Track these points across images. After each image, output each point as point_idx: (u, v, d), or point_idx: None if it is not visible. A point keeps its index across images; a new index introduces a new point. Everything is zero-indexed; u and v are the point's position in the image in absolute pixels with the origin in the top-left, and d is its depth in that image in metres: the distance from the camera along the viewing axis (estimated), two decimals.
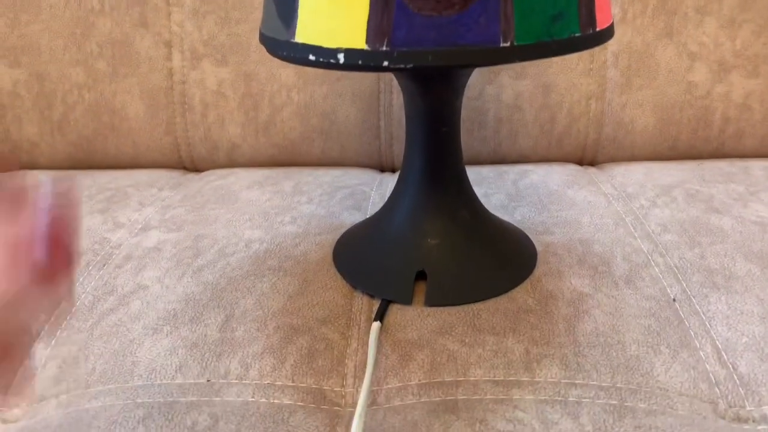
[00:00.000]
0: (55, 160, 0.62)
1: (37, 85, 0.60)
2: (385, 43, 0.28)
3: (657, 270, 0.41)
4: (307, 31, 0.30)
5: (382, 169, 0.62)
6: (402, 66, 0.28)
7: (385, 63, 0.28)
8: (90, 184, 0.57)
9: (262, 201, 0.52)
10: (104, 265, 0.44)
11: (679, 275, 0.40)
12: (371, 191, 0.54)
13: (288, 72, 0.59)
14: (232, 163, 0.62)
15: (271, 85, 0.59)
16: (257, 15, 0.58)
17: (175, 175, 0.60)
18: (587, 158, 0.60)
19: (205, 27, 0.58)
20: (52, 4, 0.58)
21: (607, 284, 0.39)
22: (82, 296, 0.40)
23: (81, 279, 0.42)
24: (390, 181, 0.57)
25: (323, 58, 0.29)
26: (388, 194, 0.53)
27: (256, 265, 0.42)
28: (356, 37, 0.28)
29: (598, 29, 0.31)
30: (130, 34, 0.59)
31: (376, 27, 0.28)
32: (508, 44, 0.28)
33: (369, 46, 0.28)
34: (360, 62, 0.28)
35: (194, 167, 0.63)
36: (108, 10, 0.58)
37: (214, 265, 0.43)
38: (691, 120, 0.58)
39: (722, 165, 0.56)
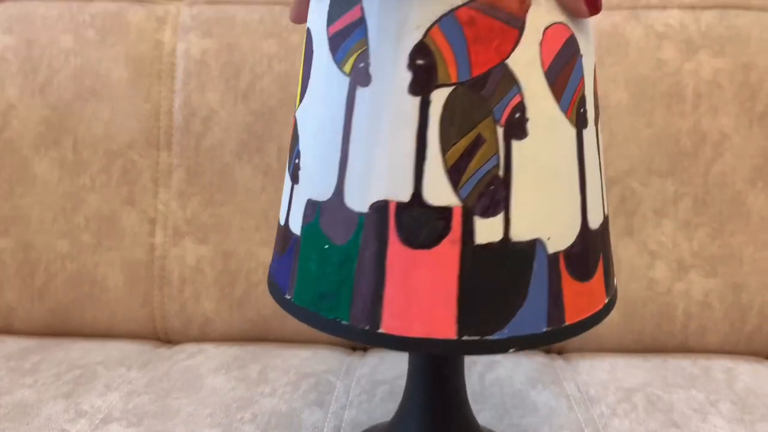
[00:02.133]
0: (32, 326, 0.63)
1: (22, 253, 0.62)
2: None
3: None
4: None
5: (354, 348, 0.63)
6: None
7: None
8: (61, 358, 0.57)
9: (225, 390, 0.52)
10: None
11: None
12: (337, 381, 0.54)
13: (265, 251, 0.61)
14: (204, 337, 0.62)
15: (248, 263, 0.61)
16: (240, 197, 0.61)
17: (146, 350, 0.60)
18: (555, 347, 0.61)
19: (190, 207, 0.61)
20: (47, 179, 0.62)
21: None
22: None
23: None
24: (358, 366, 0.57)
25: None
26: (353, 385, 0.53)
27: None
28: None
29: (382, 330, 0.28)
30: (118, 210, 0.62)
31: None
32: (289, 297, 0.31)
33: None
34: None
35: (167, 339, 0.63)
36: (98, 187, 0.62)
37: None
38: (654, 315, 0.60)
39: (685, 364, 0.57)
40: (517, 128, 0.27)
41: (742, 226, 0.59)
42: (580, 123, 0.29)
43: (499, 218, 0.27)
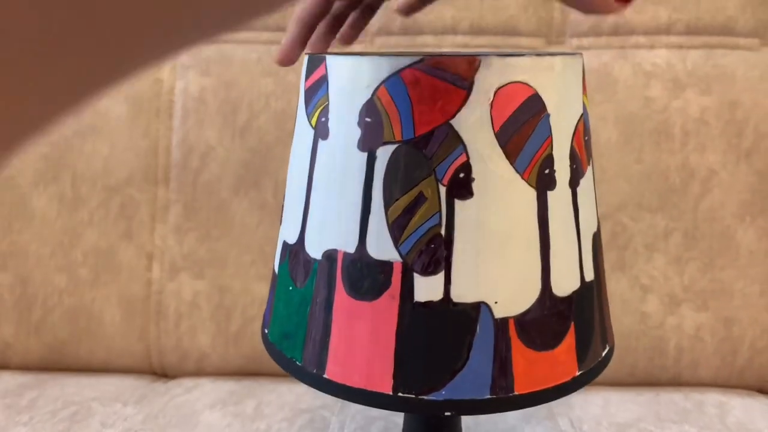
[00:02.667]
0: (28, 361, 0.63)
1: (20, 288, 0.63)
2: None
3: None
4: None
5: None
6: None
7: None
8: (57, 395, 0.57)
9: (221, 427, 0.52)
10: None
11: None
12: (332, 416, 0.54)
13: (261, 286, 0.62)
14: (200, 372, 0.63)
15: (244, 298, 0.62)
16: (236, 232, 0.62)
17: (141, 385, 0.60)
18: None
19: (186, 242, 0.62)
20: (45, 214, 0.62)
21: None
22: None
23: None
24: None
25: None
26: (348, 421, 0.54)
27: None
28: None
29: (326, 376, 0.29)
30: (115, 245, 0.62)
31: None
32: (266, 332, 0.32)
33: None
34: None
35: (164, 373, 0.64)
36: (96, 222, 0.62)
37: None
38: (647, 349, 0.60)
39: (678, 398, 0.58)
40: (460, 188, 0.27)
41: (732, 260, 0.60)
42: (543, 184, 0.28)
43: (440, 277, 0.27)
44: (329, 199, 0.29)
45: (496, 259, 0.27)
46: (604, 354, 0.31)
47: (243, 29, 0.51)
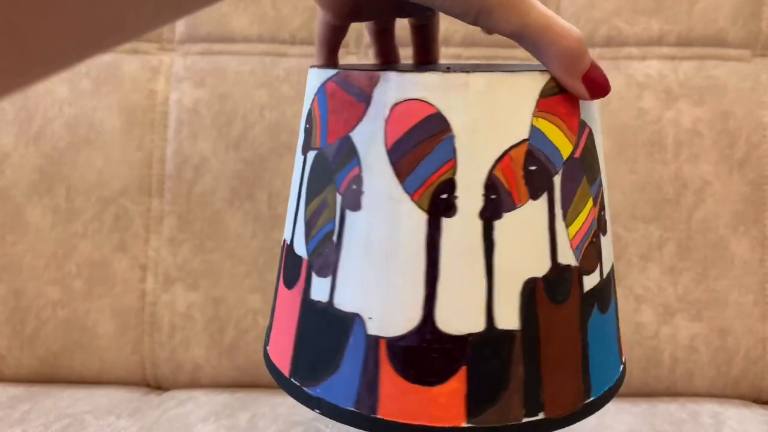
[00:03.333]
0: (21, 373, 0.63)
1: (13, 300, 0.62)
2: None
3: None
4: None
5: None
6: None
7: None
8: (50, 407, 0.57)
9: None
10: None
11: None
12: (326, 429, 0.54)
13: (255, 298, 0.62)
14: (194, 383, 0.62)
15: (238, 309, 0.62)
16: (230, 244, 0.62)
17: (135, 398, 0.60)
18: None
19: (180, 253, 0.62)
20: (39, 226, 0.62)
21: None
22: None
23: None
24: None
25: None
26: None
27: None
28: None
29: (267, 349, 0.32)
30: (109, 257, 0.62)
31: None
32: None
33: None
34: None
35: (157, 385, 0.63)
36: (90, 234, 0.62)
37: None
38: (642, 359, 0.60)
39: (673, 409, 0.57)
40: (352, 200, 0.27)
41: (726, 270, 0.60)
42: (436, 209, 0.26)
43: (328, 280, 0.28)
44: (291, 199, 0.32)
45: (378, 275, 0.26)
46: (525, 420, 0.27)
47: (237, 40, 0.51)
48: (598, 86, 0.27)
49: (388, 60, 0.38)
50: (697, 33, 0.61)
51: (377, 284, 0.26)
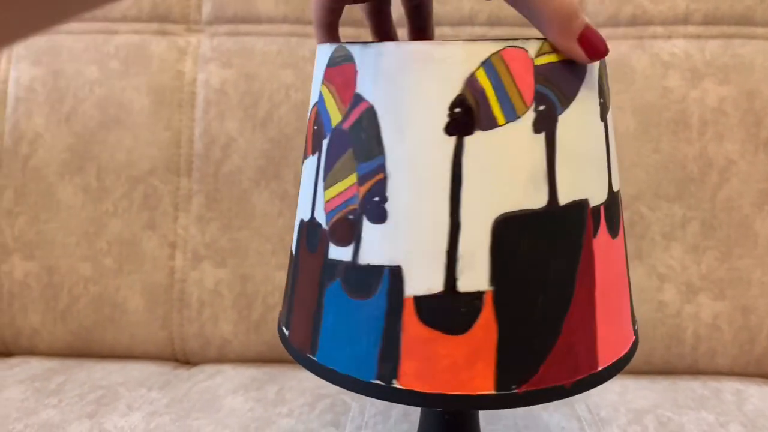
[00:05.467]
0: (54, 347, 0.65)
1: (46, 276, 0.64)
2: None
3: None
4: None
5: None
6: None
7: None
8: (84, 379, 0.59)
9: (244, 411, 0.53)
10: None
11: None
12: (352, 401, 0.55)
13: (282, 274, 0.63)
14: (222, 358, 0.64)
15: (265, 286, 0.63)
16: (257, 222, 0.63)
17: (165, 371, 0.62)
18: None
19: (208, 231, 0.63)
20: (71, 205, 0.64)
21: None
22: None
23: None
24: None
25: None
26: (368, 405, 0.54)
27: None
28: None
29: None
30: (138, 235, 0.64)
31: None
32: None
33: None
34: None
35: (186, 360, 0.65)
36: (120, 212, 0.64)
37: None
38: (664, 337, 0.60)
39: (695, 386, 0.58)
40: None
41: (750, 249, 0.60)
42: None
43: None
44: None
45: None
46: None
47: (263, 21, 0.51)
48: (594, 47, 0.26)
49: (384, 40, 0.39)
50: (723, 11, 0.61)
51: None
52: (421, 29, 0.38)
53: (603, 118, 0.30)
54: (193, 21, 0.66)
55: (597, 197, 0.29)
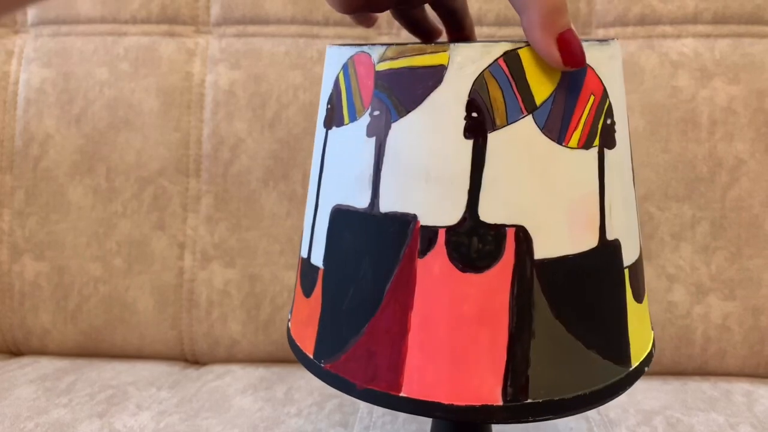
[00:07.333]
0: (65, 347, 0.65)
1: (57, 277, 0.65)
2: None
3: None
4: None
5: None
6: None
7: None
8: (94, 379, 0.59)
9: (253, 411, 0.54)
10: None
11: None
12: (360, 402, 0.55)
13: (290, 274, 0.63)
14: (231, 358, 0.64)
15: (273, 286, 0.63)
16: (266, 222, 0.63)
17: (174, 371, 0.62)
18: None
19: (217, 232, 0.64)
20: (81, 206, 0.64)
21: None
22: None
23: None
24: None
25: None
26: (376, 407, 0.55)
27: None
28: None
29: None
30: (148, 235, 0.64)
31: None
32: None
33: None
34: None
35: (195, 360, 0.65)
36: (130, 213, 0.64)
37: None
38: (674, 338, 0.60)
39: (705, 387, 0.58)
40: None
41: (760, 249, 0.59)
42: None
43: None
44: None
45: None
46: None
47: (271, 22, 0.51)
48: (572, 53, 0.25)
49: (425, 38, 0.38)
50: (733, 10, 0.61)
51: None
52: (457, 28, 0.37)
53: (471, 136, 0.26)
54: (201, 22, 0.66)
55: (434, 218, 0.27)
